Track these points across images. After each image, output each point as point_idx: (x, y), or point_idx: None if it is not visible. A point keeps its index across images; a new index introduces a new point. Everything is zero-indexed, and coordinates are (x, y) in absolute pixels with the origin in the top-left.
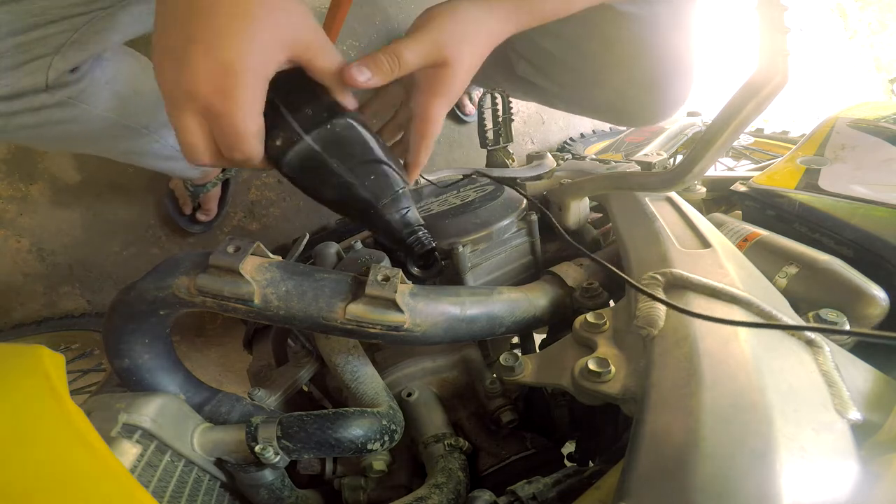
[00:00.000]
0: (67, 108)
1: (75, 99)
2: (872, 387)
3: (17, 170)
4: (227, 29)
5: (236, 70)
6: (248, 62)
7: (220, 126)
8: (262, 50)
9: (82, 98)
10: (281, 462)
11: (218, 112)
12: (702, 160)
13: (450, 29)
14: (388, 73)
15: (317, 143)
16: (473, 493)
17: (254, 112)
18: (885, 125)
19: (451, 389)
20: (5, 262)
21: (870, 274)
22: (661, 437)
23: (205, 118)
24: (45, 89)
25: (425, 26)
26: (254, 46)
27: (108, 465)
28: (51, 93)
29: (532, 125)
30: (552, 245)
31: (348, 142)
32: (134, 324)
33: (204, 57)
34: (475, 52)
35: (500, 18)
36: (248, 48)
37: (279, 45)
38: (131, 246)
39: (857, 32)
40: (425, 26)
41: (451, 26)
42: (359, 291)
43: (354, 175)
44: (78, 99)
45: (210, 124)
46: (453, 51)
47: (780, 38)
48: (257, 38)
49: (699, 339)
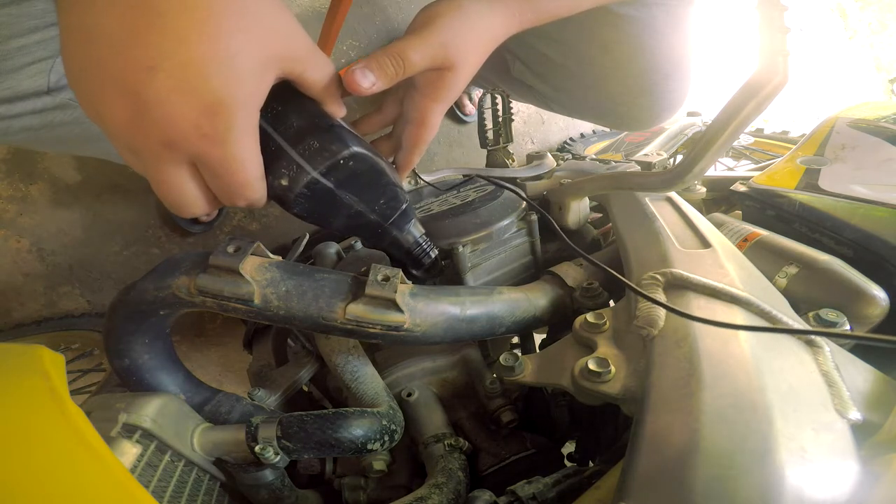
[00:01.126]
0: (69, 111)
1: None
2: (872, 387)
3: (17, 170)
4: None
5: (226, 107)
6: (238, 94)
7: (216, 175)
8: (251, 76)
9: None
10: (281, 462)
11: (210, 161)
12: (702, 160)
13: (456, 29)
14: (393, 76)
15: (328, 180)
16: (473, 493)
17: (253, 152)
18: (885, 125)
19: (451, 389)
20: (5, 262)
21: (870, 274)
22: (661, 437)
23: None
24: (46, 92)
25: (430, 25)
26: (241, 72)
27: (108, 465)
28: (53, 95)
29: (532, 125)
30: (552, 245)
31: (359, 172)
32: (134, 324)
33: (178, 93)
34: (479, 53)
35: (505, 15)
36: (236, 76)
37: (269, 65)
38: (131, 246)
39: (857, 32)
40: (430, 25)
41: (457, 25)
42: (359, 291)
43: (365, 203)
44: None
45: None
46: (458, 54)
47: (780, 38)
48: (243, 60)
49: (699, 339)
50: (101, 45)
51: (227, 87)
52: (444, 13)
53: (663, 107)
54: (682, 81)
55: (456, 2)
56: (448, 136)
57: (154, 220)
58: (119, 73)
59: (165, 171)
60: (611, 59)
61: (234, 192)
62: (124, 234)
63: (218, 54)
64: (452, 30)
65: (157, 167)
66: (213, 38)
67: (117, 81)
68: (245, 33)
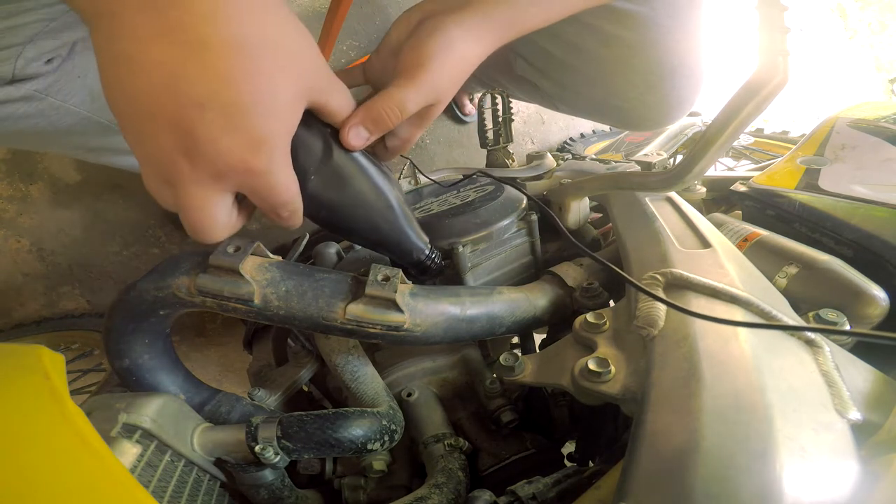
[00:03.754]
0: (34, 103)
1: (42, 92)
2: (872, 387)
3: (17, 170)
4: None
5: (268, 142)
6: (278, 129)
7: (261, 198)
8: (287, 111)
9: (51, 92)
10: (281, 462)
11: (256, 187)
12: (702, 160)
13: (446, 70)
14: (390, 126)
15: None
16: (473, 493)
17: (290, 176)
18: (885, 125)
19: (451, 389)
20: (5, 262)
21: (870, 274)
22: (661, 437)
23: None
24: (9, 81)
25: (424, 68)
26: (279, 110)
27: (108, 465)
28: (16, 86)
29: (532, 125)
30: (552, 245)
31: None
32: (134, 324)
33: (226, 131)
34: (461, 81)
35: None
36: (275, 114)
37: (300, 98)
38: (131, 246)
39: (857, 32)
40: (424, 68)
41: (446, 66)
42: (359, 291)
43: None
44: (46, 92)
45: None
46: (445, 92)
47: (780, 37)
48: (280, 98)
49: (699, 339)
50: (150, 77)
51: (268, 124)
52: (435, 53)
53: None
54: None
55: (446, 34)
56: (448, 136)
57: (154, 220)
58: (170, 108)
59: (208, 199)
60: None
61: (278, 209)
62: (124, 234)
63: (260, 95)
64: (443, 71)
65: (199, 195)
66: (255, 79)
67: (168, 116)
68: (281, 72)
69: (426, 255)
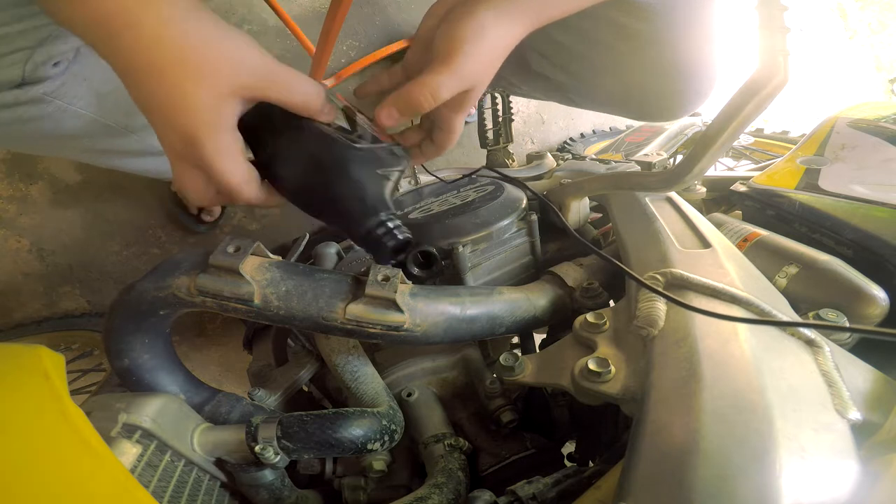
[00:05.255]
0: (41, 105)
1: (50, 95)
2: (872, 387)
3: (17, 170)
4: (174, 94)
5: (195, 135)
6: (199, 125)
7: (211, 179)
8: (208, 109)
9: (58, 94)
10: (281, 462)
11: (202, 169)
12: (702, 160)
13: (479, 54)
14: (422, 110)
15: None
16: (473, 493)
17: (233, 163)
18: (885, 125)
19: (451, 389)
20: (5, 262)
21: (870, 274)
22: (661, 437)
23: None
24: (18, 85)
25: (457, 53)
26: (201, 106)
27: (108, 465)
28: (25, 89)
29: (532, 125)
30: (552, 245)
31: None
32: (134, 324)
33: (166, 126)
34: (495, 66)
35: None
36: (192, 112)
37: (225, 97)
38: (131, 246)
39: (857, 32)
40: (457, 53)
41: (479, 50)
42: (359, 291)
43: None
44: (53, 95)
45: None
46: (481, 76)
47: (780, 37)
48: (202, 97)
49: (699, 338)
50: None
51: (192, 121)
52: (467, 38)
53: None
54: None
55: (477, 19)
56: None
57: (154, 220)
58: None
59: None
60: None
61: (229, 194)
62: (124, 234)
63: (185, 98)
64: (476, 56)
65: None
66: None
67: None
68: (204, 78)
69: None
